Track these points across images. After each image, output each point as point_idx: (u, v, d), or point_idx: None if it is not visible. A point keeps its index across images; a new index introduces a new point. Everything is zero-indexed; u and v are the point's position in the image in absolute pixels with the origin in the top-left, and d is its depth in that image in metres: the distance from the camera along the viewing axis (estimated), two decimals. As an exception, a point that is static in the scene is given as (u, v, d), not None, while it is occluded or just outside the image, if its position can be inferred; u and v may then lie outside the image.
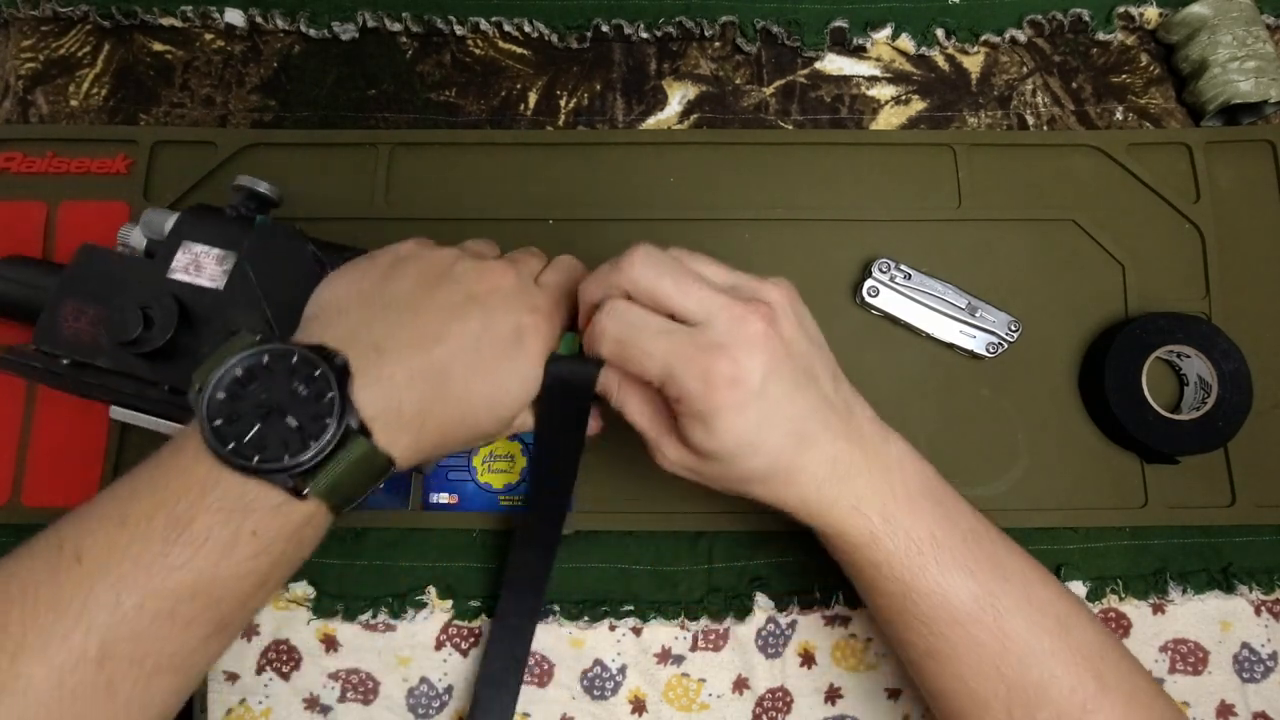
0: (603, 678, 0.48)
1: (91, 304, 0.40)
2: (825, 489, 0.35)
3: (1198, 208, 0.52)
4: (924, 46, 0.55)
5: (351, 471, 0.32)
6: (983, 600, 0.35)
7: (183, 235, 0.41)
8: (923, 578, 0.35)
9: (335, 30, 0.55)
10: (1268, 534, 0.49)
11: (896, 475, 0.36)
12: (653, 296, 0.34)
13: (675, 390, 0.33)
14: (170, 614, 0.28)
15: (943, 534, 0.35)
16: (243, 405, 0.31)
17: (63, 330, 0.40)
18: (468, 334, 0.35)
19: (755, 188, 0.53)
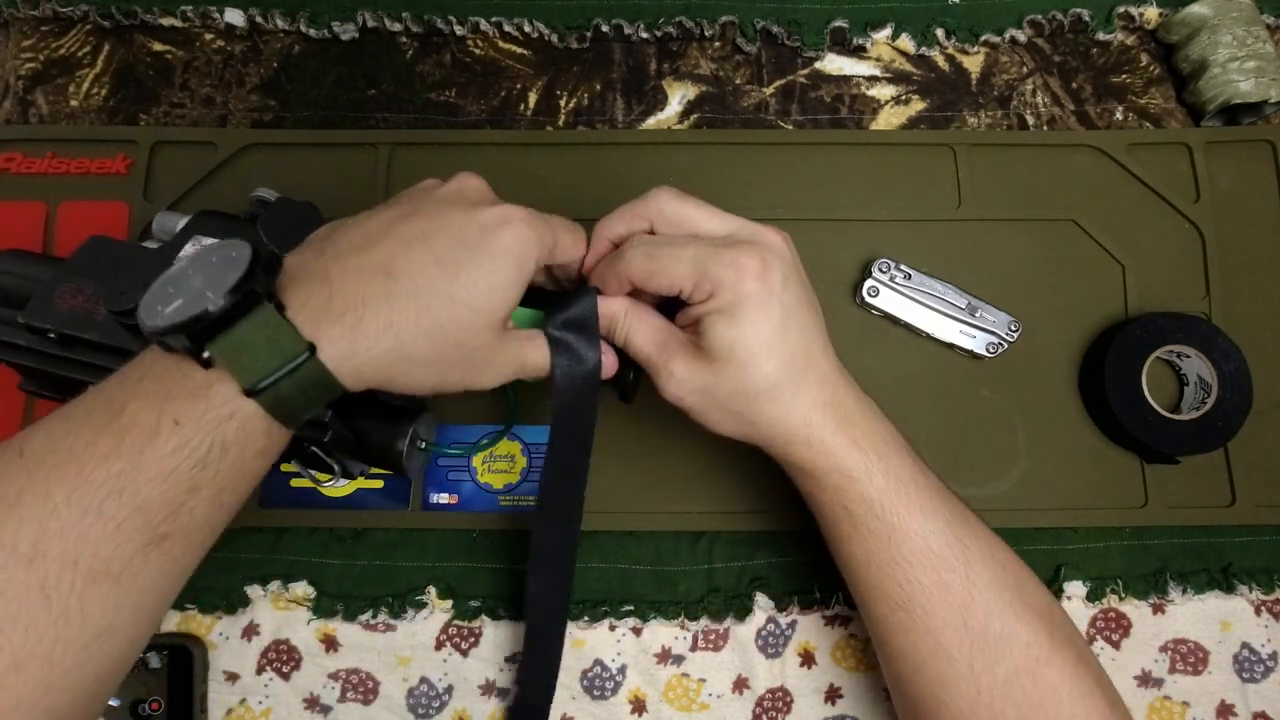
0: (603, 678, 0.48)
1: (91, 284, 0.40)
2: (828, 415, 0.36)
3: (1198, 208, 0.52)
4: (924, 46, 0.55)
5: (260, 342, 0.29)
6: (955, 548, 0.36)
7: (193, 231, 0.41)
8: (909, 519, 0.36)
9: (335, 30, 0.55)
10: (1268, 534, 0.49)
11: (882, 423, 0.38)
12: (678, 221, 0.37)
13: (708, 284, 0.34)
14: (98, 510, 0.27)
15: (923, 480, 0.37)
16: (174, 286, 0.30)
17: (55, 306, 0.39)
18: (417, 229, 0.33)
19: (755, 188, 0.53)
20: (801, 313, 0.36)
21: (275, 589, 0.48)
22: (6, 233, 0.51)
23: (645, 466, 0.49)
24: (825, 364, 0.37)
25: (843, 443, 0.36)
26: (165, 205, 0.51)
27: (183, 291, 0.29)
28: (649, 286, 0.36)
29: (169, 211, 0.43)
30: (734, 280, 0.34)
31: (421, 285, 0.31)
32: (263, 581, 0.48)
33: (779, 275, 0.35)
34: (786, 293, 0.35)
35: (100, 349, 0.39)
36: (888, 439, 0.38)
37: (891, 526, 0.36)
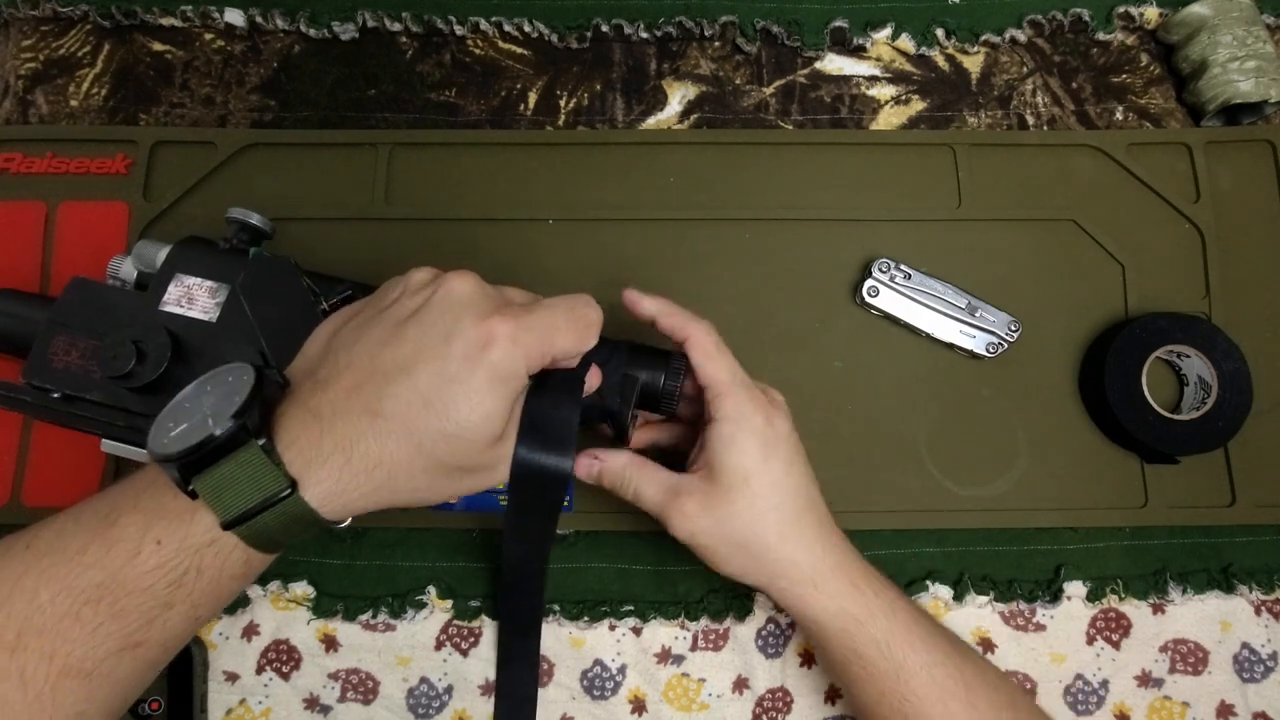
0: (603, 678, 0.48)
1: (83, 337, 0.40)
2: (829, 556, 0.39)
3: (1198, 208, 0.52)
4: (924, 46, 0.55)
5: (242, 480, 0.30)
6: (955, 676, 0.39)
7: (175, 268, 0.41)
8: (914, 655, 0.38)
9: (335, 30, 0.55)
10: (1268, 534, 0.49)
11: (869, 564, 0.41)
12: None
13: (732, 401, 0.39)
14: (76, 614, 0.29)
15: (916, 613, 0.40)
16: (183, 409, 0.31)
17: (53, 364, 0.40)
18: (399, 360, 0.32)
19: (755, 188, 0.53)
20: (802, 460, 0.40)
21: (275, 589, 0.48)
22: (6, 232, 0.51)
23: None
24: (822, 508, 0.41)
25: (846, 586, 0.39)
26: (165, 205, 0.51)
27: (187, 416, 0.30)
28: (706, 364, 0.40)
29: (149, 240, 0.43)
30: (750, 411, 0.39)
31: (412, 427, 0.31)
32: (262, 581, 0.48)
33: (787, 424, 0.40)
34: (791, 439, 0.40)
35: (104, 407, 0.40)
36: (880, 578, 0.40)
37: (899, 664, 0.38)
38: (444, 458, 0.32)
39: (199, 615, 0.31)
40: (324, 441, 0.31)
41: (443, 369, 0.32)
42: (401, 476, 0.32)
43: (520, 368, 0.33)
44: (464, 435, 0.32)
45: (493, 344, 0.32)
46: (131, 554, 0.29)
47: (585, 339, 0.36)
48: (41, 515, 0.46)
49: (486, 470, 0.35)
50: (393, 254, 0.51)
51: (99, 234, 0.51)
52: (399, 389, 0.32)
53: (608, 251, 0.52)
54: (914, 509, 0.49)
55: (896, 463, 0.49)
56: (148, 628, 0.30)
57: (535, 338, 0.33)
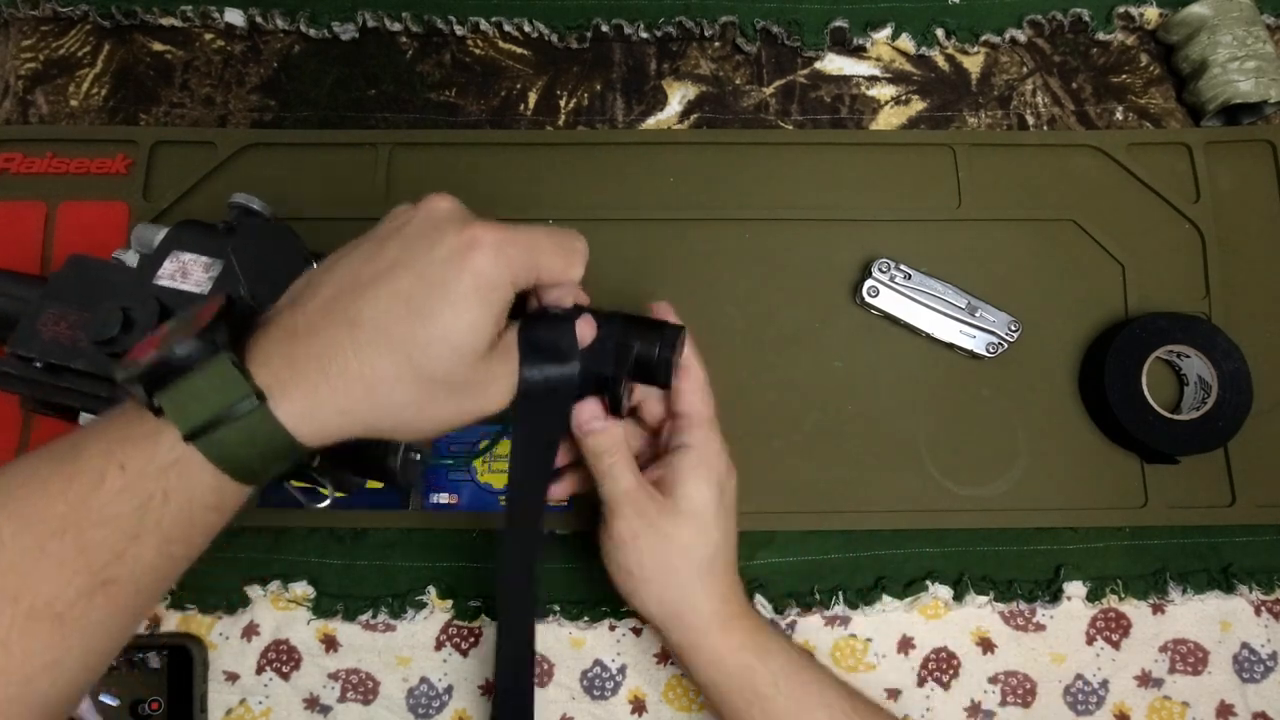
0: (603, 678, 0.48)
1: (74, 309, 0.40)
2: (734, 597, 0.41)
3: (1198, 208, 0.52)
4: (924, 46, 0.55)
5: (206, 391, 0.28)
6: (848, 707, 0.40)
7: (172, 245, 0.41)
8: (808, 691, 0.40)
9: (335, 30, 0.55)
10: (1268, 534, 0.49)
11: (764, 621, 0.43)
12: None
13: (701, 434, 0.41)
14: (40, 549, 0.27)
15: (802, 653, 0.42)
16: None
17: (41, 335, 0.39)
18: (378, 269, 0.31)
19: (755, 188, 0.53)
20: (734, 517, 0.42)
21: (275, 589, 0.48)
22: (6, 233, 0.51)
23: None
24: (733, 558, 0.42)
25: (748, 626, 0.41)
26: (165, 205, 0.51)
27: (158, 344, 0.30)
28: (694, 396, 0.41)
29: (148, 224, 0.43)
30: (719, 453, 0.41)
31: (391, 332, 0.30)
32: (263, 581, 0.48)
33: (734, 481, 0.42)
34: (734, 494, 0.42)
35: (88, 377, 0.39)
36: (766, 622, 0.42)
37: (799, 702, 0.39)
38: (425, 367, 0.30)
39: (172, 552, 0.29)
40: (297, 355, 0.30)
41: (425, 273, 0.31)
42: (382, 391, 0.30)
43: (505, 276, 0.32)
44: (447, 340, 0.31)
45: (476, 248, 0.31)
46: (95, 482, 0.28)
47: (571, 264, 0.35)
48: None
49: (473, 391, 0.33)
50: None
51: (99, 234, 0.51)
52: (379, 295, 0.30)
53: (608, 251, 0.52)
54: (914, 509, 0.49)
55: (896, 463, 0.49)
56: (118, 562, 0.28)
57: (520, 250, 0.32)
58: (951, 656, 0.48)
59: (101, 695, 0.46)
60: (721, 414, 0.49)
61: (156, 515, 0.28)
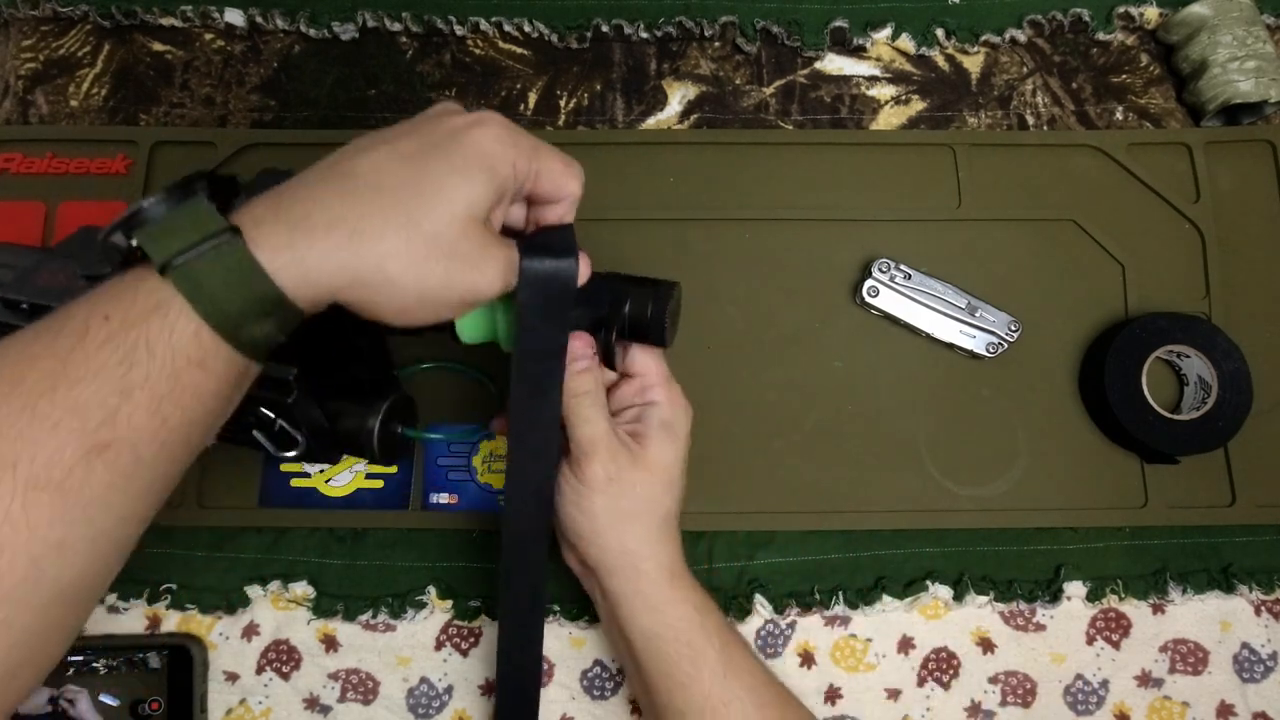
0: (603, 678, 0.48)
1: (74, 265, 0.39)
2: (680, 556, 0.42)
3: (1198, 208, 0.52)
4: (924, 46, 0.55)
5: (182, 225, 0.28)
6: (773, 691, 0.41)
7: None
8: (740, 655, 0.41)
9: (335, 30, 0.55)
10: (1268, 534, 0.49)
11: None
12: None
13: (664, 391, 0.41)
14: (33, 410, 0.27)
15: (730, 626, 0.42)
16: None
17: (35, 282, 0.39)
18: (383, 138, 0.32)
19: (755, 188, 0.53)
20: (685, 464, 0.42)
21: (275, 589, 0.48)
22: (6, 233, 0.51)
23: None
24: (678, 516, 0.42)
25: (692, 584, 0.41)
26: (165, 205, 0.51)
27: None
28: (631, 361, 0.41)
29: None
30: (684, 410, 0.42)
31: (387, 182, 0.30)
32: (263, 581, 0.48)
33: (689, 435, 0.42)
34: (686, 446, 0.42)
35: None
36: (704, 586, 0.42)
37: (728, 656, 0.40)
38: (419, 219, 0.30)
39: (165, 415, 0.28)
40: (283, 205, 0.29)
41: (428, 138, 0.31)
42: (369, 235, 0.29)
43: (509, 156, 0.32)
44: (443, 196, 0.30)
45: (484, 124, 0.32)
46: (79, 335, 0.27)
47: (570, 175, 0.35)
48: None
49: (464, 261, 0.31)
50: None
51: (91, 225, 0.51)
52: (379, 153, 0.31)
53: (608, 251, 0.51)
54: (914, 509, 0.49)
55: (896, 463, 0.49)
56: (111, 424, 0.27)
57: (526, 142, 0.33)
58: (951, 656, 0.48)
59: (101, 695, 0.46)
60: (722, 414, 0.49)
61: (143, 369, 0.28)
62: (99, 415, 0.27)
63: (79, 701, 0.46)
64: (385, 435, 0.39)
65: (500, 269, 0.33)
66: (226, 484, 0.49)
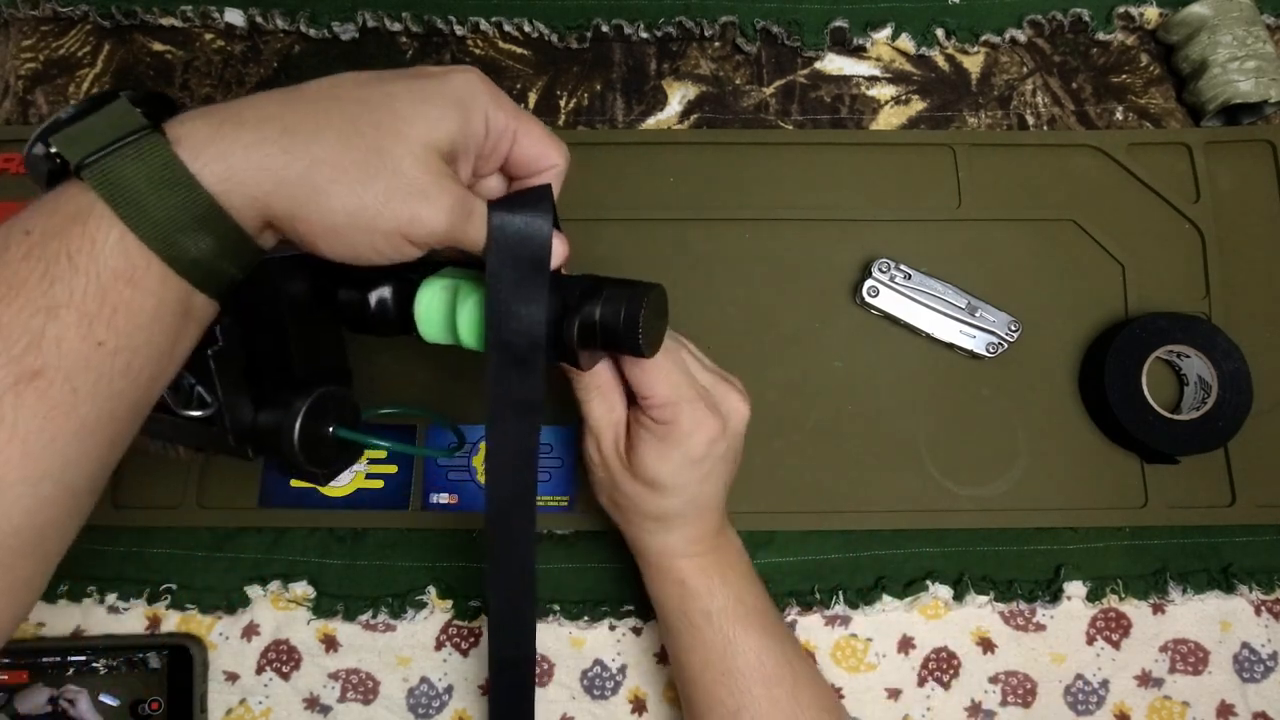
0: (603, 678, 0.48)
1: None
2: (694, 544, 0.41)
3: (1198, 208, 0.52)
4: (924, 46, 0.55)
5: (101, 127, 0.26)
6: (785, 668, 0.40)
7: None
8: (746, 634, 0.40)
9: (335, 30, 0.55)
10: (1268, 534, 0.49)
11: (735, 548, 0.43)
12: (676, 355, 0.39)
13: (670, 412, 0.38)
14: None
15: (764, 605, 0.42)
16: None
17: None
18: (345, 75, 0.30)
19: (755, 188, 0.53)
20: (723, 468, 0.40)
21: (275, 589, 0.48)
22: (6, 233, 0.51)
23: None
24: (718, 504, 0.41)
25: (695, 567, 0.41)
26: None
27: None
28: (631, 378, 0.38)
29: None
30: (688, 432, 0.38)
31: (340, 94, 0.28)
32: (263, 581, 0.48)
33: (724, 445, 0.39)
34: (724, 456, 0.40)
35: None
36: (736, 564, 0.42)
37: (729, 637, 0.40)
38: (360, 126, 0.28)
39: (99, 339, 0.26)
40: (215, 109, 0.27)
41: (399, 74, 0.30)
42: (301, 135, 0.27)
43: (482, 104, 0.30)
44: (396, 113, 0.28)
45: (464, 70, 0.30)
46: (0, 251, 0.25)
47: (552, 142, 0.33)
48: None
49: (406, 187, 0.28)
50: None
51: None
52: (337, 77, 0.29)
53: (608, 251, 0.52)
54: (914, 509, 0.49)
55: (896, 463, 0.49)
56: (38, 348, 0.25)
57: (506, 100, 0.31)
58: (952, 656, 0.48)
59: (101, 695, 0.46)
60: (721, 414, 0.49)
61: (66, 284, 0.25)
62: (24, 339, 0.25)
63: (79, 701, 0.46)
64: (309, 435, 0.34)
65: (449, 203, 0.29)
66: (226, 484, 0.49)
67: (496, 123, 0.31)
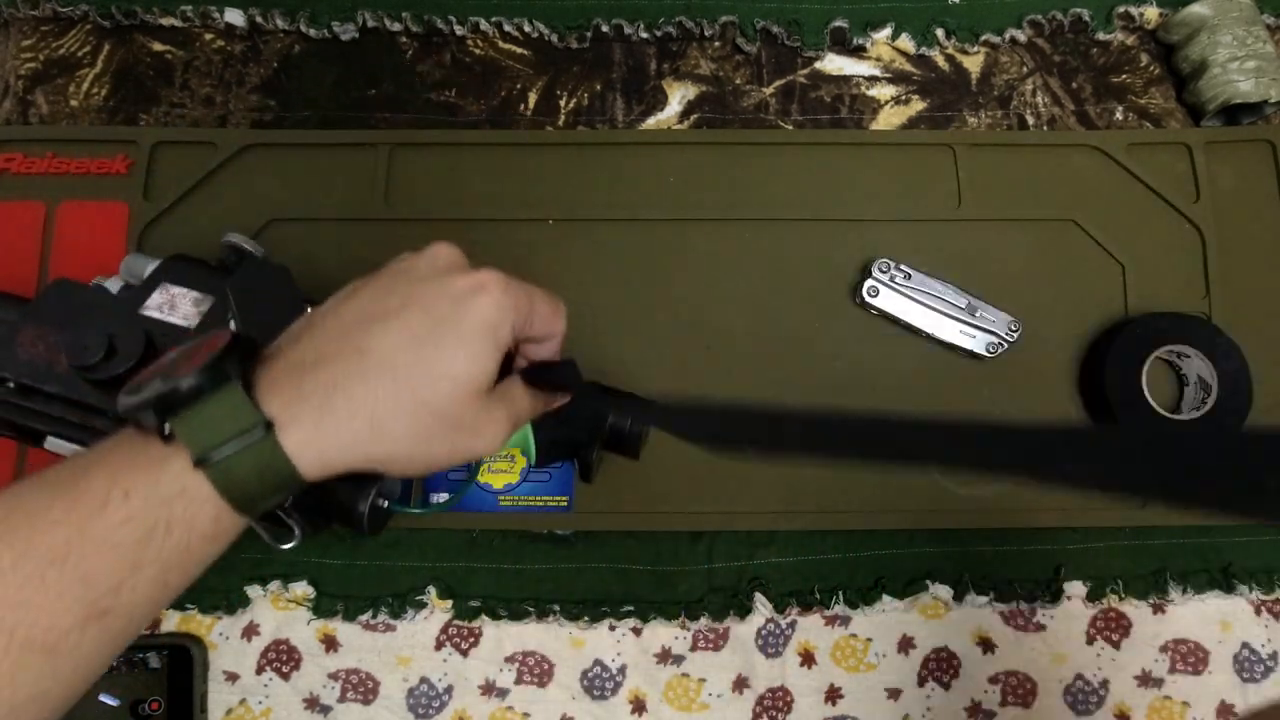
0: (603, 678, 0.48)
1: (53, 330, 0.39)
2: None
3: (1198, 208, 0.52)
4: (924, 46, 0.55)
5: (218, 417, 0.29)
6: None
7: (162, 278, 0.40)
8: None
9: (335, 30, 0.55)
10: (1268, 534, 0.49)
11: None
12: None
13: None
14: (40, 578, 0.27)
15: None
16: None
17: (17, 354, 0.39)
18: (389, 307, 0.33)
19: (755, 188, 0.53)
20: None
21: (275, 589, 0.48)
22: (6, 233, 0.51)
23: (645, 467, 0.49)
24: None
25: None
26: (165, 205, 0.51)
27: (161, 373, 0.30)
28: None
29: (138, 254, 0.43)
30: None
31: (398, 362, 0.31)
32: (263, 581, 0.48)
33: None
34: None
35: (60, 401, 0.38)
36: None
37: None
38: (429, 400, 0.32)
39: (168, 581, 0.29)
40: (305, 385, 0.30)
41: (434, 308, 0.32)
42: (385, 422, 0.31)
43: (508, 318, 0.33)
44: (451, 375, 0.32)
45: (484, 290, 0.33)
46: (99, 507, 0.28)
47: (558, 315, 0.36)
48: (41, 515, 0.47)
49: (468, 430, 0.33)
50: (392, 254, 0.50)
51: (99, 234, 0.51)
52: (389, 328, 0.32)
53: (608, 251, 0.52)
54: (914, 509, 0.49)
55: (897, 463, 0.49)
56: (115, 593, 0.28)
57: (521, 295, 0.34)
58: (952, 656, 0.48)
59: (101, 695, 0.46)
60: (721, 414, 0.49)
61: (159, 545, 0.29)
62: (106, 585, 0.28)
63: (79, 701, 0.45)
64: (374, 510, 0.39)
65: (500, 431, 0.34)
66: (226, 484, 0.49)
67: (519, 327, 0.34)
